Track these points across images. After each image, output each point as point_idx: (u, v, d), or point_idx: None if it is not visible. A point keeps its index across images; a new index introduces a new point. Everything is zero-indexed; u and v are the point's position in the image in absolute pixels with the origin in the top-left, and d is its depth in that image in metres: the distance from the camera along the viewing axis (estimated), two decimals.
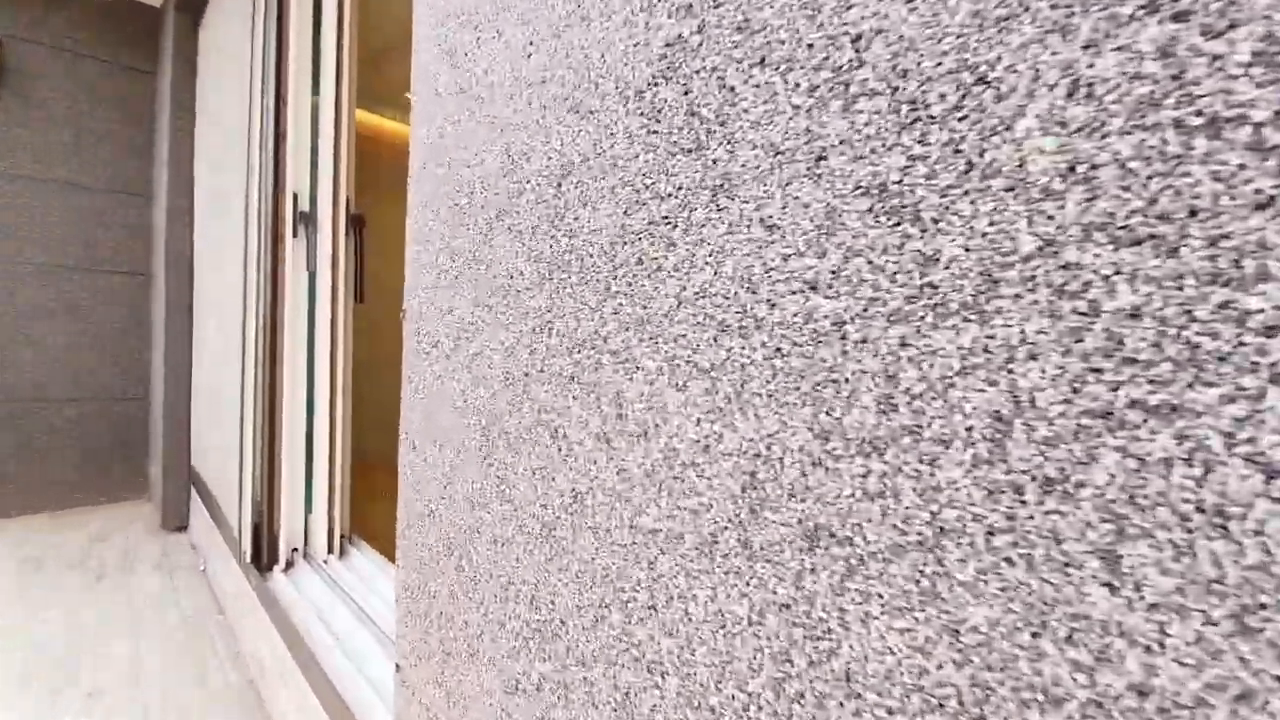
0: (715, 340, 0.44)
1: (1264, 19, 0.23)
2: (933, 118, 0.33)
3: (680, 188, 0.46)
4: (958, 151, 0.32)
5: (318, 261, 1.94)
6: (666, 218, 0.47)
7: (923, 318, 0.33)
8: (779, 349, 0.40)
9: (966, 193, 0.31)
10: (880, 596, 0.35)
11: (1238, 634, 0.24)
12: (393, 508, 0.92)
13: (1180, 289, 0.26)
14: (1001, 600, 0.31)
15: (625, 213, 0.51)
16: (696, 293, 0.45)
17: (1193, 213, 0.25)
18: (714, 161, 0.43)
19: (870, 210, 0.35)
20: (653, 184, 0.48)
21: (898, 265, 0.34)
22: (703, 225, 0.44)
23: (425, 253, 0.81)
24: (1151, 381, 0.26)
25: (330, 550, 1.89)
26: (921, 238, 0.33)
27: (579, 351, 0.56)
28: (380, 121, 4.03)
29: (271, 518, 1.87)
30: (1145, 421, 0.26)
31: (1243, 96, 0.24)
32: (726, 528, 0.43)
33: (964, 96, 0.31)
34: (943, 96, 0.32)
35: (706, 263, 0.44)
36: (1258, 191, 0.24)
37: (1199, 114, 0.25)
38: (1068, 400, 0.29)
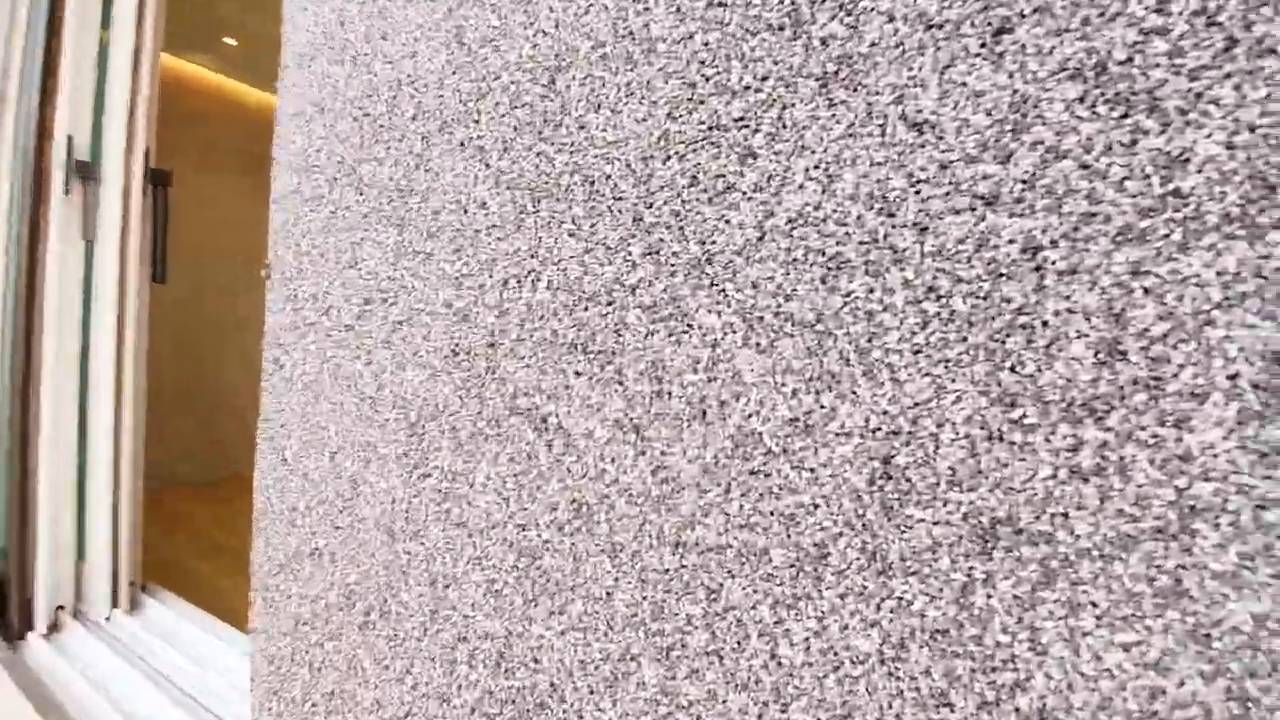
0: (823, 282, 0.32)
1: None
2: None
3: (764, 78, 0.34)
4: (1212, 24, 0.24)
5: (100, 227, 1.46)
6: (741, 119, 0.35)
7: (1166, 236, 0.25)
8: (932, 288, 0.30)
9: (1228, 75, 0.24)
10: (1094, 605, 0.27)
11: None
12: (205, 545, 0.66)
13: None
14: (1274, 589, 0.24)
15: (670, 115, 0.37)
16: (791, 219, 0.33)
17: None
18: (823, 41, 0.32)
19: (1082, 99, 0.27)
20: (718, 74, 0.36)
21: (1127, 169, 0.26)
22: (804, 127, 0.33)
23: (308, 184, 0.59)
24: None
25: (115, 604, 1.42)
26: (1163, 133, 0.25)
27: (586, 308, 0.41)
28: (180, 66, 3.27)
29: (24, 569, 1.36)
30: None
31: None
32: (842, 534, 0.32)
33: None
34: None
35: (810, 178, 0.33)
36: None
37: None
38: None
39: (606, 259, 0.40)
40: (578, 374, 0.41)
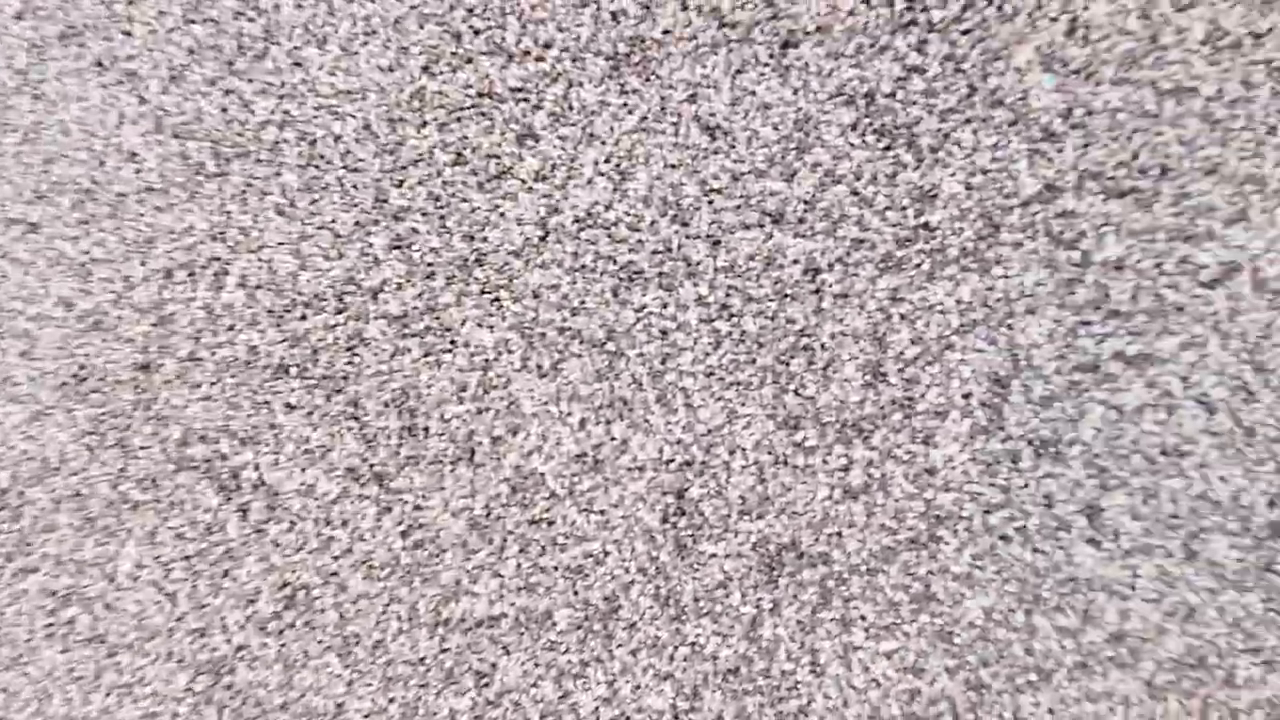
0: (615, 294, 0.28)
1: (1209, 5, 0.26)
2: (932, 24, 0.27)
3: (548, 45, 0.28)
4: (959, 70, 0.27)
5: None
6: (520, 90, 0.29)
7: (919, 265, 0.27)
8: (725, 306, 0.28)
9: (969, 120, 0.27)
10: (864, 619, 0.28)
11: (1185, 560, 0.27)
12: None
13: (1153, 242, 0.26)
14: (997, 584, 0.27)
15: (427, 69, 0.29)
16: (580, 218, 0.28)
17: (1164, 171, 0.26)
18: (614, 15, 0.28)
19: (855, 126, 0.27)
20: (490, 28, 0.29)
21: (890, 199, 0.27)
22: (593, 112, 0.28)
23: None
24: (1131, 333, 0.27)
25: None
26: (918, 167, 0.27)
27: (304, 317, 0.30)
28: None
29: None
30: (1125, 372, 0.27)
31: (1195, 70, 0.26)
32: (634, 582, 0.28)
33: (966, 7, 0.27)
34: (944, 1, 0.27)
35: (600, 172, 0.28)
36: (1206, 159, 0.26)
37: (1168, 79, 0.26)
38: (1062, 356, 0.27)
39: (335, 250, 0.30)
40: (290, 407, 0.30)
